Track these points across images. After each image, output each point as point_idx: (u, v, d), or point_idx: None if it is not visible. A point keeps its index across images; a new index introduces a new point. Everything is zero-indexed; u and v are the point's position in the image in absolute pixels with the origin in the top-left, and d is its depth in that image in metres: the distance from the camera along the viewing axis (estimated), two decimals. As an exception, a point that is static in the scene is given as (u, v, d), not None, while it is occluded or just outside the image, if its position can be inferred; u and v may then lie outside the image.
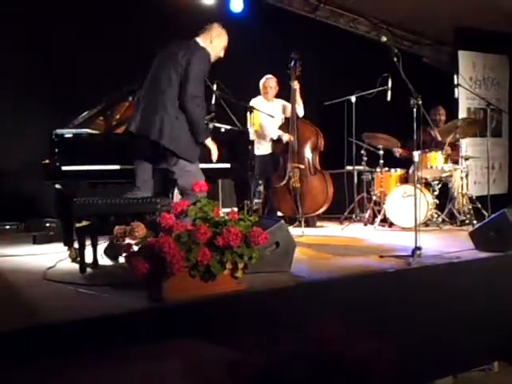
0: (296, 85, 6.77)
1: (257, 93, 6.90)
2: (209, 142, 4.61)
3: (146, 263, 3.00)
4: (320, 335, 3.43)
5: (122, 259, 3.63)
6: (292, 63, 6.79)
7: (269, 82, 6.85)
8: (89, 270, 4.12)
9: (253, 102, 6.56)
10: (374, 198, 7.23)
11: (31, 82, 6.80)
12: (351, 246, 5.50)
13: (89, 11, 6.96)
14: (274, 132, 6.75)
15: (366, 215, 7.20)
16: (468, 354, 4.19)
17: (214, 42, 4.60)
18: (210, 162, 4.70)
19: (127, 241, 3.20)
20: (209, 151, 4.65)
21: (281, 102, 6.97)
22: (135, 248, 3.19)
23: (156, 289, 3.09)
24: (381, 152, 7.25)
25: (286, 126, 6.82)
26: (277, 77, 6.87)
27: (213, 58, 4.57)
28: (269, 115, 6.45)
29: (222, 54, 4.67)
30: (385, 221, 6.97)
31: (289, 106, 6.83)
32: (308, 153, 6.86)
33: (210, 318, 3.10)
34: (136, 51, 6.76)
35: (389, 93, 6.81)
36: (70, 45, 6.86)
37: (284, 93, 6.93)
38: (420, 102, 4.53)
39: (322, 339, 3.42)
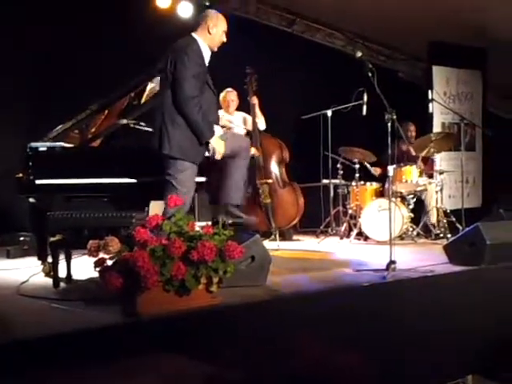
0: (254, 99, 6.75)
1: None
2: (213, 141, 4.44)
3: (120, 278, 2.98)
4: (295, 349, 3.43)
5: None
6: (248, 78, 6.79)
7: (229, 95, 6.83)
8: (62, 284, 4.08)
9: None
10: (350, 211, 7.27)
11: (5, 95, 6.74)
12: (327, 260, 5.52)
13: (67, 23, 6.93)
14: None
15: (342, 229, 7.23)
16: (442, 367, 4.20)
17: (213, 31, 4.45)
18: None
19: (101, 255, 3.18)
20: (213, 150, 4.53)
21: (241, 114, 6.95)
22: (109, 262, 3.17)
23: (130, 303, 3.07)
24: (356, 166, 7.30)
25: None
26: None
27: (216, 45, 4.49)
28: (237, 126, 6.49)
29: (224, 39, 4.55)
30: (360, 234, 7.01)
31: (249, 118, 6.81)
32: (274, 167, 6.85)
33: (185, 333, 3.08)
34: (112, 66, 6.78)
35: (364, 107, 6.86)
36: (45, 57, 6.83)
37: (245, 106, 6.93)
38: (394, 117, 4.57)
39: (296, 353, 3.42)
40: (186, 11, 7.78)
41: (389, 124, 4.58)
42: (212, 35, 4.46)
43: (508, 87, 9.83)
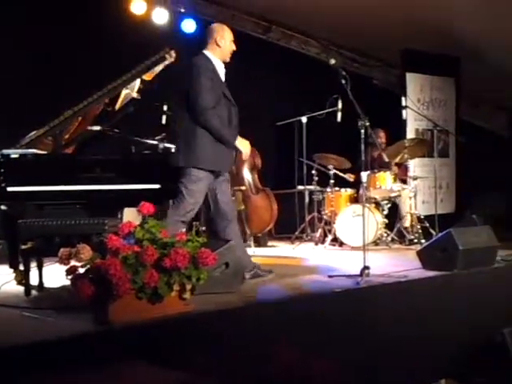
0: None
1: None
2: (237, 143, 4.58)
3: (92, 286, 2.96)
4: (269, 356, 3.43)
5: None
6: None
7: None
8: (34, 292, 4.04)
9: None
10: (325, 217, 7.30)
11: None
12: (301, 266, 5.54)
13: (39, 28, 6.88)
14: None
15: (317, 235, 7.25)
16: (415, 372, 4.23)
17: (221, 43, 4.57)
18: (160, 182, 4.67)
19: (72, 263, 3.16)
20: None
21: None
22: (81, 270, 3.15)
23: (102, 312, 3.05)
24: (331, 172, 7.33)
25: None
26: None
27: (227, 55, 4.61)
28: None
29: (233, 47, 4.65)
30: (335, 240, 7.04)
31: None
32: (247, 173, 6.85)
33: (158, 341, 3.07)
34: (86, 72, 6.75)
35: (339, 114, 6.91)
36: (17, 62, 6.76)
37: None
38: (367, 124, 4.61)
39: (270, 360, 3.42)
40: (161, 18, 7.76)
41: (362, 131, 4.61)
42: (221, 47, 4.57)
43: (480, 94, 9.95)
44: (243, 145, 4.63)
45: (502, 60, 8.34)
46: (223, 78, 4.59)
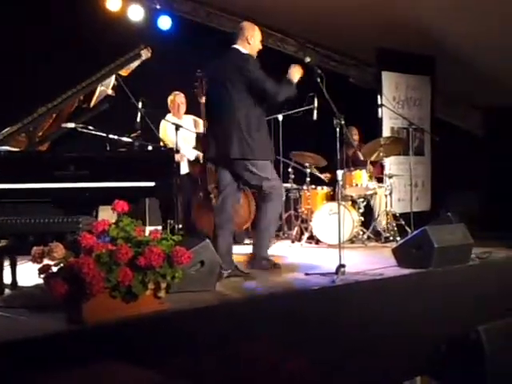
0: (204, 100, 6.73)
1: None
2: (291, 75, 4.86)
3: (65, 284, 2.93)
4: (244, 354, 3.42)
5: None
6: (198, 82, 6.74)
7: (178, 98, 6.81)
8: (7, 291, 3.99)
9: (163, 123, 6.51)
10: (301, 215, 7.31)
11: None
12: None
13: (14, 23, 6.80)
14: (190, 153, 6.69)
15: (294, 232, 7.26)
16: (391, 369, 4.25)
17: (251, 41, 4.82)
18: (135, 180, 4.64)
19: (46, 262, 3.12)
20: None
21: (191, 117, 6.91)
22: (54, 269, 3.11)
23: (75, 311, 3.02)
24: (308, 170, 7.34)
25: (200, 144, 6.75)
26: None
27: (255, 53, 4.84)
28: (190, 131, 6.46)
29: (260, 46, 4.92)
30: (312, 238, 7.05)
31: (200, 121, 6.78)
32: None
33: (132, 340, 3.04)
34: (61, 68, 6.68)
35: (315, 112, 6.89)
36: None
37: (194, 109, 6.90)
38: (343, 122, 4.61)
39: (246, 358, 3.41)
40: (136, 14, 7.72)
41: (337, 129, 4.62)
42: (251, 45, 4.85)
43: (455, 94, 10.03)
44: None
45: (477, 59, 8.42)
46: None
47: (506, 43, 7.82)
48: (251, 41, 4.81)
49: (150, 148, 5.24)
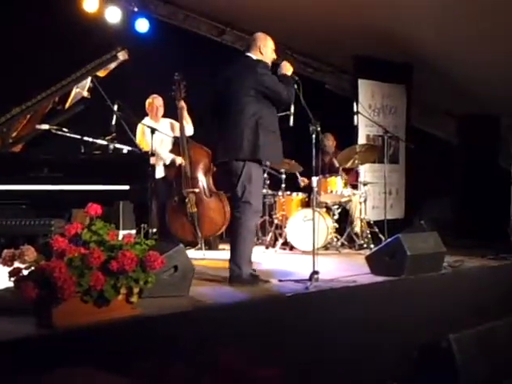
0: (182, 103, 6.70)
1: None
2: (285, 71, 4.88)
3: (36, 288, 2.89)
4: (217, 360, 3.41)
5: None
6: (176, 85, 6.73)
7: (156, 101, 6.77)
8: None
9: (140, 127, 6.48)
10: (276, 221, 7.31)
11: None
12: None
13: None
14: (166, 156, 6.65)
15: (268, 238, 7.25)
16: (362, 376, 4.25)
17: (264, 51, 4.85)
18: (109, 183, 4.62)
19: (16, 265, 3.07)
20: None
21: (168, 120, 6.88)
22: (25, 272, 3.07)
23: (46, 315, 2.98)
24: (283, 176, 7.35)
25: (177, 148, 6.72)
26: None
27: (269, 62, 4.87)
28: (167, 135, 6.45)
29: (274, 56, 4.95)
30: (286, 244, 7.05)
31: (177, 124, 6.76)
32: (201, 176, 6.77)
33: (103, 345, 3.01)
34: (36, 69, 6.62)
35: (291, 118, 6.90)
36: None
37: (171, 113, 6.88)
38: (319, 129, 4.63)
39: (218, 365, 3.40)
40: (113, 16, 7.68)
41: (313, 135, 4.63)
42: (263, 55, 4.86)
43: (430, 102, 10.12)
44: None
45: (452, 68, 8.50)
46: None
47: (481, 53, 7.92)
48: (263, 50, 4.84)
49: (125, 151, 5.21)
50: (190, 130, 6.77)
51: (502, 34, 7.40)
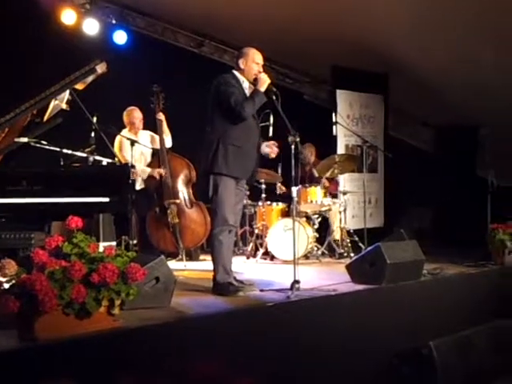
0: (161, 115, 6.71)
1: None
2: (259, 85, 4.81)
3: (17, 301, 2.88)
4: (199, 371, 3.41)
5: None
6: (154, 96, 6.75)
7: (137, 113, 6.75)
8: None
9: (118, 138, 6.48)
10: (256, 231, 7.33)
11: None
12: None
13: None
14: (142, 171, 6.61)
15: (249, 248, 7.27)
16: (344, 384, 4.28)
17: (243, 66, 4.88)
18: (89, 195, 4.61)
19: (-3, 278, 3.07)
20: None
21: (147, 133, 6.87)
22: (6, 285, 3.06)
23: (27, 328, 2.97)
24: (263, 186, 7.38)
25: (156, 160, 6.71)
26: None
27: (251, 76, 4.86)
28: (146, 146, 6.47)
29: (259, 69, 4.91)
30: (267, 254, 7.06)
31: (156, 137, 6.77)
32: (182, 187, 6.77)
33: (84, 358, 3.00)
34: (14, 82, 6.59)
35: (271, 129, 6.94)
36: None
37: (150, 125, 6.89)
38: (298, 139, 4.66)
39: (201, 375, 3.40)
40: (91, 28, 7.69)
41: (292, 146, 4.66)
42: (244, 69, 4.89)
43: (407, 112, 10.23)
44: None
45: (428, 78, 8.60)
46: (247, 94, 4.85)
47: (457, 64, 8.03)
48: (242, 65, 4.87)
49: (104, 163, 5.20)
50: (168, 142, 6.77)
51: (478, 44, 7.51)
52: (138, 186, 6.56)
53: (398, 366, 4.63)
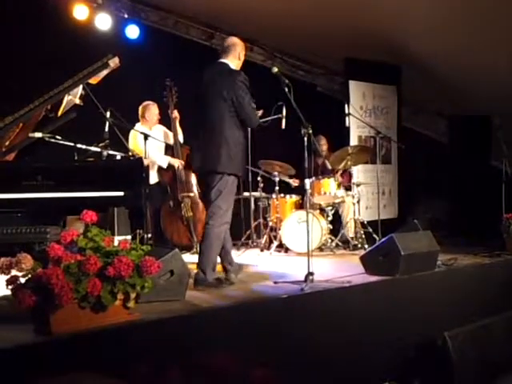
0: (175, 113, 6.76)
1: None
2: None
3: (33, 296, 2.91)
4: (214, 364, 3.43)
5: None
6: (167, 91, 6.76)
7: (154, 108, 6.80)
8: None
9: (132, 133, 6.50)
10: (270, 223, 7.34)
11: None
12: (247, 273, 5.53)
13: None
14: (163, 160, 6.68)
15: (263, 241, 7.28)
16: (359, 376, 4.28)
17: (241, 56, 4.92)
18: (104, 189, 4.64)
19: (13, 273, 3.09)
20: None
21: (161, 128, 6.92)
22: (22, 280, 3.09)
23: (44, 322, 3.00)
24: (276, 179, 7.38)
25: (170, 154, 6.76)
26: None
27: (240, 66, 4.92)
28: (164, 142, 6.47)
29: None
30: (281, 246, 7.08)
31: (170, 133, 6.81)
32: (195, 180, 6.81)
33: (101, 350, 3.03)
34: (27, 78, 6.63)
35: (283, 121, 6.94)
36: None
37: (164, 120, 6.92)
38: (310, 131, 4.65)
39: (215, 368, 3.42)
40: (104, 23, 7.70)
41: (305, 138, 4.66)
42: (239, 60, 4.93)
43: (420, 102, 10.18)
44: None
45: (442, 69, 8.55)
46: None
47: (469, 54, 7.97)
48: (240, 56, 4.89)
49: (118, 157, 5.23)
50: (180, 137, 6.81)
51: (491, 36, 7.46)
52: (152, 179, 6.60)
53: (414, 357, 4.63)
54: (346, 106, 7.76)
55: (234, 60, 4.87)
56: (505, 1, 6.79)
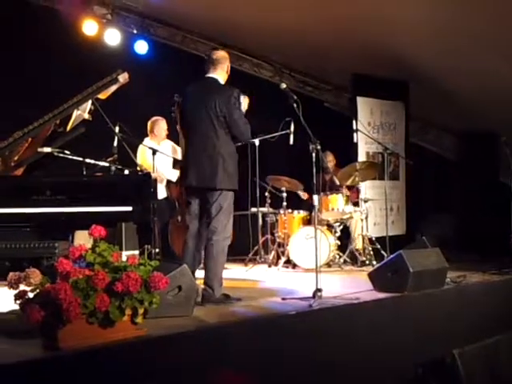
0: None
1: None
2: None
3: (42, 311, 2.90)
4: (222, 380, 3.41)
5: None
6: (175, 106, 6.77)
7: (163, 124, 6.81)
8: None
9: (140, 148, 6.51)
10: (278, 239, 7.32)
11: None
12: (254, 288, 5.53)
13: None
14: (172, 174, 6.67)
15: (270, 257, 7.26)
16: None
17: (228, 70, 4.88)
18: (112, 204, 4.64)
19: (22, 287, 3.09)
20: None
21: (169, 143, 6.92)
22: (31, 295, 3.08)
23: (51, 337, 2.99)
24: (284, 194, 7.37)
25: (177, 169, 6.74)
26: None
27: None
28: (172, 157, 6.47)
29: None
30: (288, 262, 7.06)
31: (178, 148, 6.80)
32: None
33: (108, 366, 3.02)
34: (37, 93, 6.66)
35: (291, 136, 6.96)
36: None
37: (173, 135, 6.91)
38: (319, 147, 4.65)
39: (223, 384, 3.40)
40: (113, 39, 7.76)
41: (313, 154, 4.66)
42: (227, 74, 4.89)
43: (428, 119, 10.18)
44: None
45: (450, 86, 8.56)
46: None
47: (477, 70, 7.97)
48: (228, 71, 4.85)
49: (126, 172, 5.24)
50: None
51: (500, 55, 7.47)
52: (160, 194, 6.59)
53: (422, 375, 4.59)
54: (354, 122, 7.75)
55: (222, 74, 4.82)
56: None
